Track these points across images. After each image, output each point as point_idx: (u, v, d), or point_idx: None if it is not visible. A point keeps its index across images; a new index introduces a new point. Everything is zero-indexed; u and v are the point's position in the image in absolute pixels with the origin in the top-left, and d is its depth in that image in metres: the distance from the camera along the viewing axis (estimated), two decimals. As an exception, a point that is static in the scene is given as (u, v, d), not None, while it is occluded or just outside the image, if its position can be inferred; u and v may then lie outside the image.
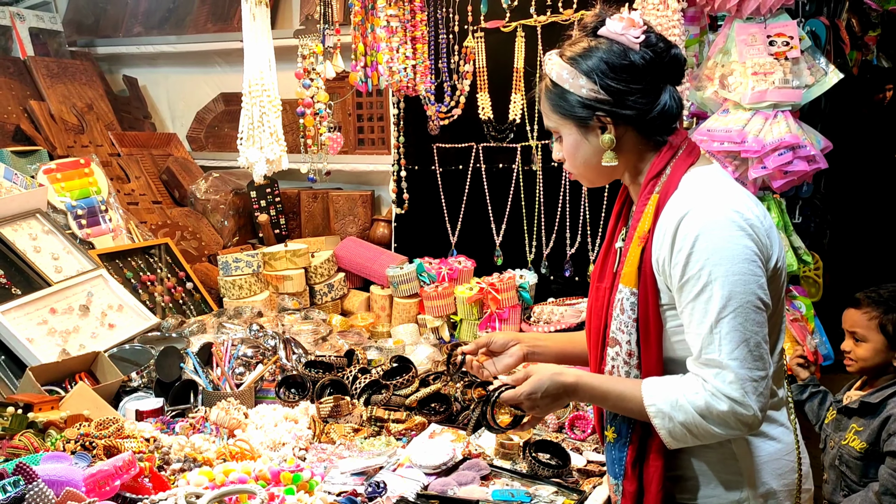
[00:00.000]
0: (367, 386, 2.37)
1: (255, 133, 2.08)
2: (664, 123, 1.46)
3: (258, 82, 2.07)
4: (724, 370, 1.31)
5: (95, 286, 2.68)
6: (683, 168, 1.45)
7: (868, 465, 2.23)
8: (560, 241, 3.08)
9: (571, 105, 1.45)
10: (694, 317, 1.34)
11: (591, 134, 1.47)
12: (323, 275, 3.18)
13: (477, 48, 3.06)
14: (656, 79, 1.43)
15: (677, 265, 1.35)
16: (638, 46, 1.41)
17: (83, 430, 1.79)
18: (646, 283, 1.41)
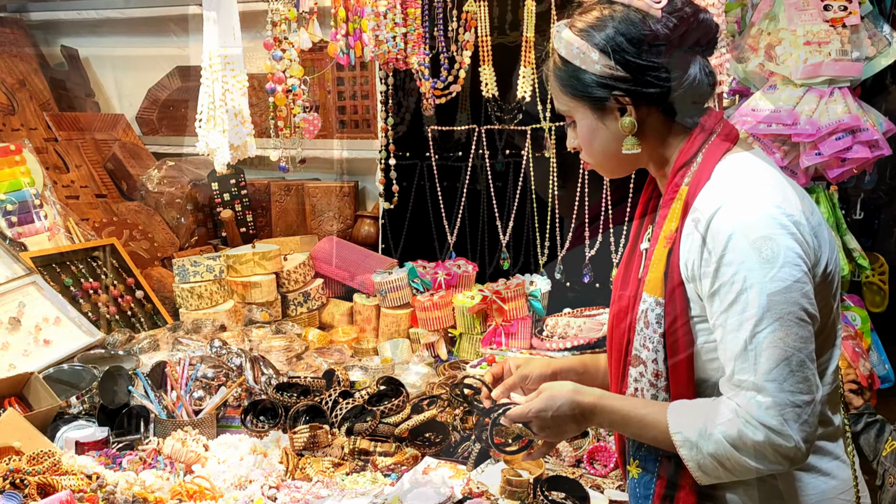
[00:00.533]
0: (350, 413, 2.36)
1: (217, 114, 2.07)
2: (693, 103, 1.45)
3: (220, 54, 2.06)
4: (760, 393, 1.30)
5: (28, 295, 2.67)
6: (718, 155, 1.43)
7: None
8: (578, 241, 3.08)
9: (584, 84, 1.44)
10: (727, 330, 1.33)
11: (609, 117, 1.46)
12: (297, 281, 3.18)
13: (480, 14, 3.04)
14: (682, 50, 1.42)
15: (708, 270, 1.34)
16: (659, 12, 1.40)
17: (13, 466, 1.78)
18: (673, 292, 1.40)
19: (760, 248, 1.32)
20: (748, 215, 1.33)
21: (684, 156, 1.45)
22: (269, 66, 2.13)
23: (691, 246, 1.37)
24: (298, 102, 2.18)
